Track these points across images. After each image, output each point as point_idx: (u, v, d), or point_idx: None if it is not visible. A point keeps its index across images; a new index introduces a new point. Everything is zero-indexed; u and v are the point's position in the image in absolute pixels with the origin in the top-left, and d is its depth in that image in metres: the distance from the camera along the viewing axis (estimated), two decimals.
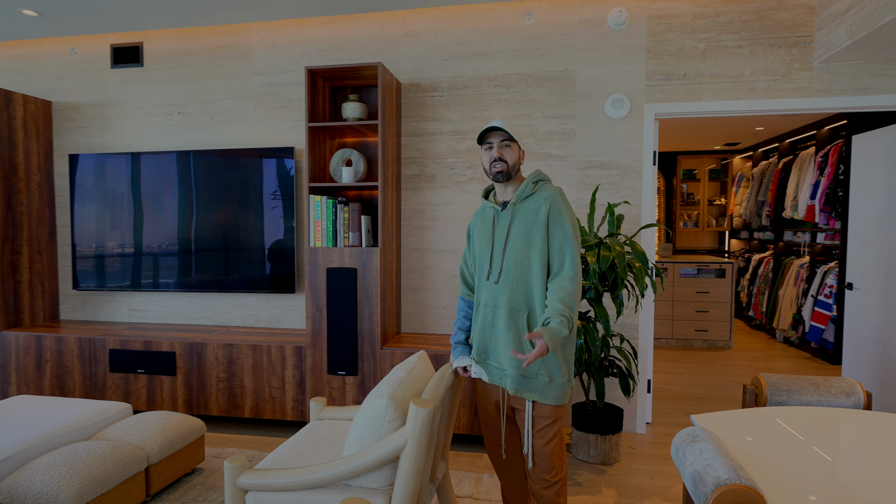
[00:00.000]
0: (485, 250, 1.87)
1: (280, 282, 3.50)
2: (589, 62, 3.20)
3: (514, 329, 1.78)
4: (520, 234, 1.79)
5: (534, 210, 1.79)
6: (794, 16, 2.99)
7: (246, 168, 3.51)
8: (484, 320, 1.85)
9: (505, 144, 1.80)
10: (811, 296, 5.00)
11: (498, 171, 1.81)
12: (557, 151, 3.27)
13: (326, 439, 2.11)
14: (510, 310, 1.78)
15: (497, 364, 1.83)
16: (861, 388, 1.83)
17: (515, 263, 1.78)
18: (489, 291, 1.83)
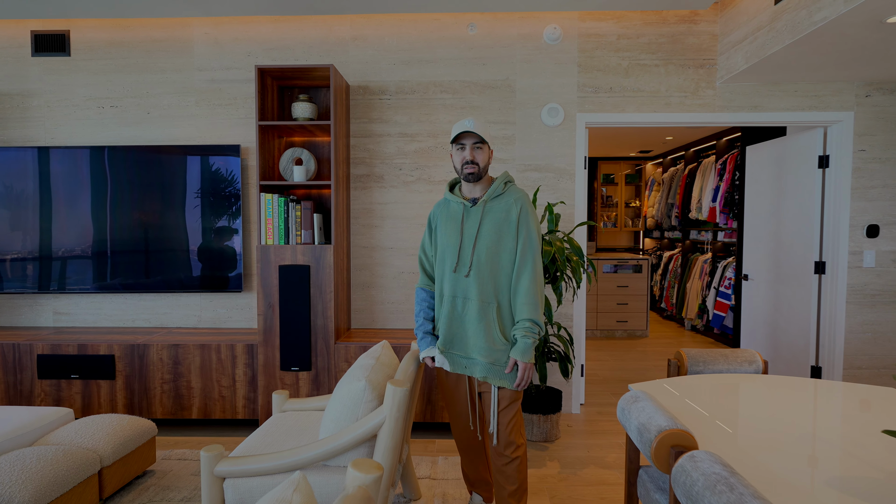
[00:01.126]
0: (452, 244, 1.94)
1: (226, 281, 3.47)
2: (527, 73, 3.48)
3: (484, 321, 1.88)
4: (491, 231, 1.89)
5: (504, 210, 1.90)
6: (701, 41, 3.43)
7: (188, 165, 3.44)
8: (452, 312, 1.93)
9: (477, 147, 1.90)
10: (713, 287, 5.64)
11: (469, 172, 1.91)
12: (499, 155, 3.51)
13: (294, 428, 2.18)
14: (481, 302, 1.88)
15: (463, 353, 1.94)
16: (760, 357, 2.20)
17: (487, 259, 1.88)
18: (457, 284, 1.92)
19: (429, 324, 2.05)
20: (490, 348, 1.88)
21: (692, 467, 1.16)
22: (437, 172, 3.53)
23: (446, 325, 1.95)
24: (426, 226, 2.07)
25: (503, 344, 1.89)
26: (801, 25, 2.58)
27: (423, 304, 2.07)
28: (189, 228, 3.46)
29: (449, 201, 2.02)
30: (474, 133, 1.88)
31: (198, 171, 3.45)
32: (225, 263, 3.47)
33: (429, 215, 2.08)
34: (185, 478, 2.63)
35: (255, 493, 1.79)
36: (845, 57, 2.90)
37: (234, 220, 3.46)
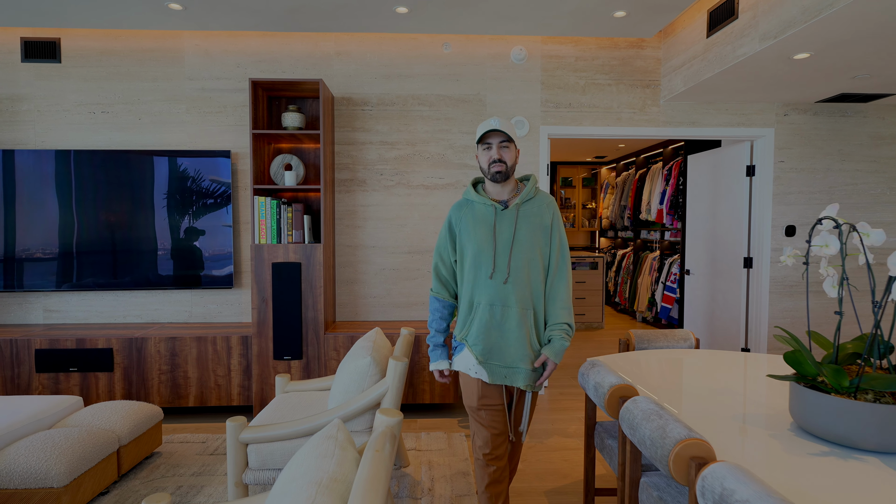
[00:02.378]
0: (486, 249, 1.85)
1: (218, 278, 3.70)
2: (496, 89, 3.86)
3: (524, 327, 1.83)
4: (527, 236, 1.84)
5: (538, 214, 1.87)
6: (647, 64, 3.90)
7: (180, 169, 3.65)
8: (490, 320, 1.83)
9: (504, 146, 1.82)
10: (661, 282, 6.20)
11: (497, 171, 1.82)
12: (472, 162, 3.89)
13: (299, 405, 2.48)
14: (522, 309, 1.82)
15: (504, 364, 1.84)
16: (693, 335, 2.65)
17: (524, 264, 1.83)
18: (494, 291, 1.83)
19: (440, 336, 1.95)
20: (531, 355, 1.84)
21: (633, 407, 1.56)
22: (416, 178, 3.87)
23: (484, 335, 1.84)
24: (444, 229, 1.94)
25: (538, 350, 1.87)
26: (726, 58, 3.06)
27: (435, 315, 1.96)
28: (183, 230, 3.67)
29: (473, 203, 1.91)
30: (501, 131, 1.80)
31: (190, 175, 3.66)
32: (218, 261, 3.70)
33: (447, 218, 1.94)
34: (190, 457, 2.87)
35: (276, 456, 2.09)
36: (765, 83, 3.42)
37: (225, 221, 3.69)
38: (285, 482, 1.27)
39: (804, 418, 1.46)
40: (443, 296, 1.96)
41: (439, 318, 1.96)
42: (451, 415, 3.55)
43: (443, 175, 3.87)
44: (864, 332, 1.50)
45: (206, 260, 3.69)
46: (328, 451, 1.30)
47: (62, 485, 2.15)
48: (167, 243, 3.67)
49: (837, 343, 1.49)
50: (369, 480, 1.09)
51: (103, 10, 3.33)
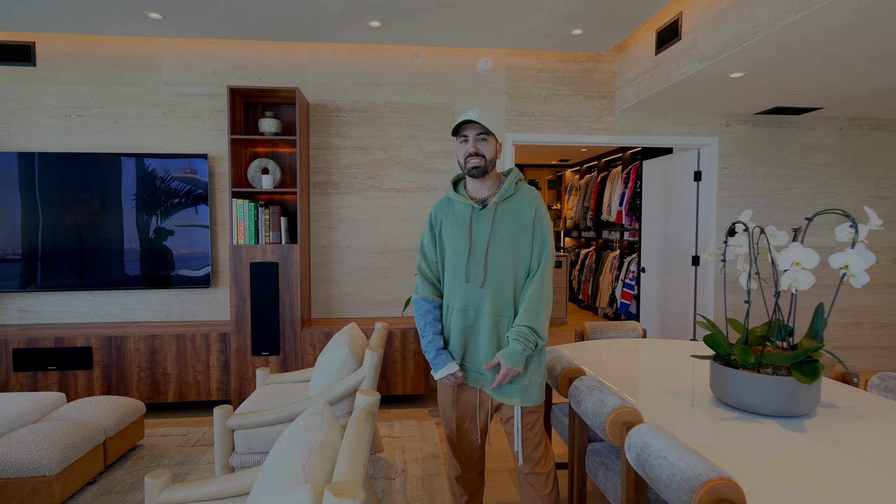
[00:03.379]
0: (461, 251, 1.76)
1: (195, 277, 3.81)
2: (464, 98, 4.10)
3: (496, 335, 1.74)
4: (504, 238, 1.72)
5: (518, 213, 1.73)
6: (603, 77, 4.20)
7: (158, 172, 3.76)
8: (465, 325, 1.76)
9: (481, 138, 1.71)
10: (620, 280, 6.56)
11: (474, 166, 1.71)
12: (441, 167, 4.11)
13: (280, 395, 2.66)
14: (494, 316, 1.73)
15: (476, 369, 1.79)
16: (640, 326, 2.94)
17: (500, 268, 1.72)
18: (469, 296, 1.75)
19: (440, 338, 1.81)
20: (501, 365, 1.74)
21: (580, 384, 1.81)
22: (388, 181, 4.06)
23: (458, 339, 1.78)
24: (426, 227, 1.86)
25: None
26: (672, 75, 3.37)
27: (427, 318, 1.82)
28: (158, 231, 3.77)
29: (453, 202, 1.83)
30: (478, 123, 1.69)
31: (168, 178, 3.77)
32: (196, 261, 3.81)
33: (430, 215, 1.86)
34: (173, 448, 3.01)
35: (261, 441, 2.26)
36: (707, 97, 3.76)
37: (202, 222, 3.81)
38: (279, 452, 1.47)
39: (719, 390, 1.74)
40: (430, 296, 1.84)
41: (432, 319, 1.82)
42: (423, 405, 3.77)
43: (414, 179, 4.08)
44: (775, 318, 1.78)
45: (181, 259, 3.80)
46: (316, 425, 1.50)
47: (54, 473, 2.27)
48: (143, 244, 3.76)
49: (747, 327, 1.77)
50: (354, 443, 1.30)
51: (83, 18, 3.41)
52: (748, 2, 2.65)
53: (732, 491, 1.10)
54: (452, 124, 4.10)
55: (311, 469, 1.24)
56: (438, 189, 4.11)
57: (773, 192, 4.42)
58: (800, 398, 1.59)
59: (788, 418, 1.63)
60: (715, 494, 1.10)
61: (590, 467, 1.91)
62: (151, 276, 3.77)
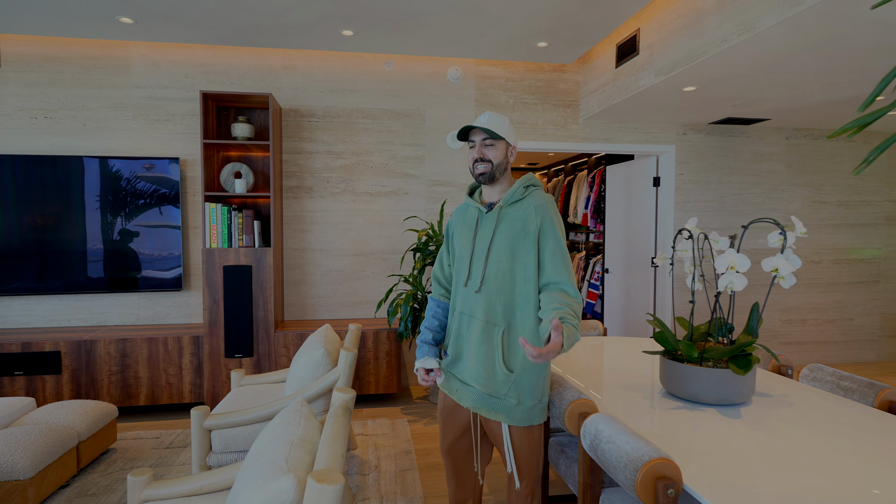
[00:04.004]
0: (464, 254, 1.73)
1: (166, 280, 3.82)
2: (434, 105, 4.22)
3: (486, 345, 1.64)
4: (504, 243, 1.64)
5: (521, 218, 1.64)
6: (568, 87, 4.39)
7: (128, 176, 3.75)
8: (459, 328, 1.71)
9: (487, 143, 1.65)
10: (586, 280, 6.80)
11: (481, 172, 1.67)
12: (412, 171, 4.22)
13: (256, 396, 2.72)
14: (485, 323, 1.64)
15: (461, 377, 1.70)
16: (601, 325, 3.12)
17: (497, 273, 1.63)
18: (466, 299, 1.69)
19: (429, 333, 1.80)
20: (487, 377, 1.64)
21: None
22: (361, 185, 4.15)
23: (454, 343, 1.73)
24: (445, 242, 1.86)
25: (505, 374, 1.62)
26: (631, 87, 3.57)
27: (428, 314, 1.84)
28: (133, 233, 3.76)
29: (467, 206, 1.81)
30: (484, 130, 1.63)
31: (139, 182, 3.76)
32: (167, 264, 3.82)
33: (448, 222, 1.86)
34: (146, 451, 3.03)
35: (238, 440, 2.33)
36: (664, 108, 3.98)
37: (173, 226, 3.82)
38: (260, 447, 1.56)
39: (667, 382, 1.91)
40: (438, 295, 1.84)
41: (431, 315, 1.83)
42: (395, 404, 3.87)
43: (386, 183, 4.18)
44: (716, 316, 1.96)
45: (150, 262, 3.80)
46: (295, 421, 1.60)
47: (28, 477, 2.28)
48: (106, 246, 3.75)
49: (692, 325, 1.94)
50: (333, 436, 1.40)
51: (53, 21, 3.38)
52: (697, 23, 2.86)
53: (670, 469, 1.26)
54: (423, 130, 4.22)
55: (293, 460, 1.34)
56: (410, 193, 4.22)
57: (725, 198, 4.69)
58: (736, 388, 1.77)
59: (727, 406, 1.81)
60: (655, 472, 1.25)
61: (552, 457, 2.06)
62: (118, 278, 3.76)
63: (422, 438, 3.24)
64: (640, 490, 1.25)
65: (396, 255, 4.22)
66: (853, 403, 1.84)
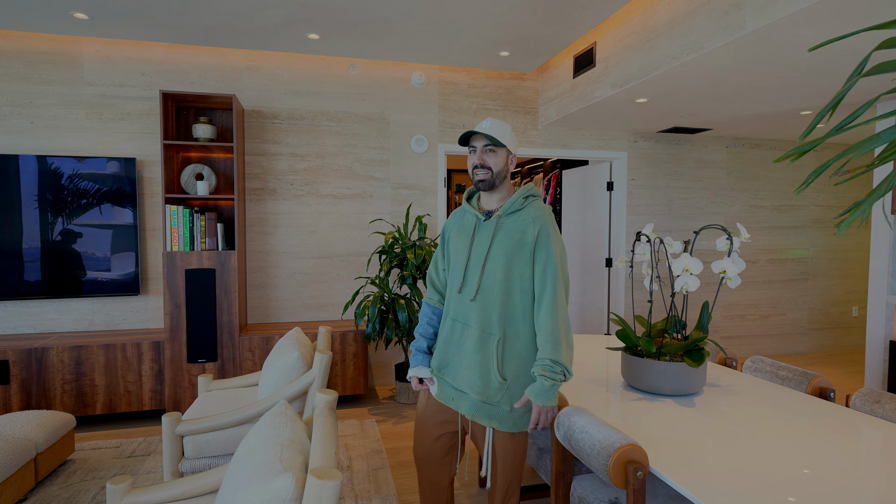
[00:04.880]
0: (460, 261, 1.72)
1: (121, 284, 3.70)
2: (399, 109, 4.28)
3: (481, 354, 1.64)
4: (501, 253, 1.63)
5: (519, 230, 1.64)
6: (528, 94, 4.56)
7: (81, 176, 3.61)
8: (451, 335, 1.71)
9: (489, 149, 1.64)
10: None
11: (480, 178, 1.65)
12: (377, 174, 4.27)
13: (225, 401, 2.71)
14: (481, 332, 1.64)
15: (454, 384, 1.70)
16: None
17: (494, 283, 1.63)
18: (461, 307, 1.69)
19: (424, 340, 1.83)
20: (482, 385, 1.64)
21: None
22: (325, 188, 4.16)
23: (443, 348, 1.73)
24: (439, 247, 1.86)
25: (500, 382, 1.63)
26: (587, 98, 3.77)
27: (423, 320, 1.85)
28: (86, 235, 3.62)
29: (465, 212, 1.80)
30: (485, 135, 1.63)
31: (92, 182, 3.63)
32: (123, 268, 3.70)
33: (444, 226, 1.85)
34: (107, 461, 2.94)
35: (212, 445, 2.32)
36: (618, 117, 4.21)
37: (128, 227, 3.71)
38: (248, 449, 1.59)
39: (628, 376, 2.06)
40: (434, 301, 1.84)
41: (426, 322, 1.84)
42: (362, 405, 3.91)
43: (350, 186, 4.21)
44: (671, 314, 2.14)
45: (97, 265, 3.68)
46: (282, 423, 1.64)
47: None
48: (69, 250, 3.60)
49: (650, 322, 2.11)
50: (325, 435, 1.46)
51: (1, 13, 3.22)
52: (650, 41, 3.06)
53: (638, 454, 1.39)
54: (387, 134, 4.27)
55: (287, 460, 1.39)
56: (375, 196, 4.27)
57: (673, 202, 5.00)
58: (691, 380, 1.95)
59: (682, 396, 1.98)
60: (625, 457, 1.38)
61: None
62: (60, 280, 3.61)
63: (391, 438, 3.31)
64: (612, 474, 1.38)
65: (362, 257, 4.26)
66: (789, 391, 2.05)
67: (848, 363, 5.11)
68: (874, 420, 1.74)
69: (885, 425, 1.69)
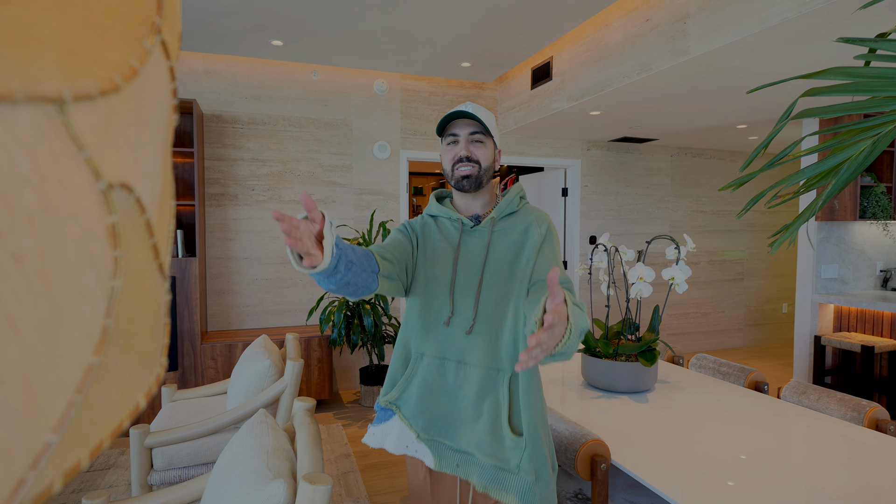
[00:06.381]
0: (442, 280, 1.28)
1: None
2: (362, 115, 4.33)
3: (489, 399, 1.23)
4: (502, 263, 1.26)
5: (522, 231, 1.28)
6: (487, 103, 4.70)
7: None
8: (438, 380, 1.28)
9: (476, 139, 1.27)
10: None
11: (464, 174, 1.26)
12: (340, 180, 4.30)
13: (192, 411, 2.69)
14: (486, 370, 1.24)
15: (454, 444, 1.26)
16: None
17: (496, 304, 1.24)
18: (450, 342, 1.27)
19: None
20: (492, 443, 1.22)
21: None
22: (287, 193, 4.15)
23: (426, 399, 1.28)
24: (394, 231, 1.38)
25: (512, 439, 1.21)
26: (544, 109, 3.95)
27: None
28: None
29: (437, 217, 1.37)
30: (473, 119, 1.25)
31: None
32: None
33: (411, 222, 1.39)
34: None
35: (182, 455, 2.32)
36: (572, 127, 4.42)
37: None
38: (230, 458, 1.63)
39: (588, 376, 2.22)
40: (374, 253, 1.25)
41: None
42: (327, 409, 3.94)
43: (313, 191, 4.22)
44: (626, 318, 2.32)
45: None
46: (263, 431, 1.69)
47: None
48: None
49: (607, 325, 2.28)
50: (311, 441, 1.52)
51: None
52: (603, 59, 3.26)
53: (602, 447, 1.53)
54: (350, 140, 4.31)
55: (275, 467, 1.45)
56: (338, 202, 4.30)
57: (623, 207, 5.28)
58: (644, 378, 2.12)
59: (637, 393, 2.16)
60: (591, 451, 1.52)
61: None
62: None
63: (358, 441, 3.36)
64: (579, 467, 1.52)
65: None
66: (730, 385, 2.27)
67: (779, 356, 5.55)
68: (801, 409, 1.96)
69: (810, 413, 1.92)
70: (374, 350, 4.12)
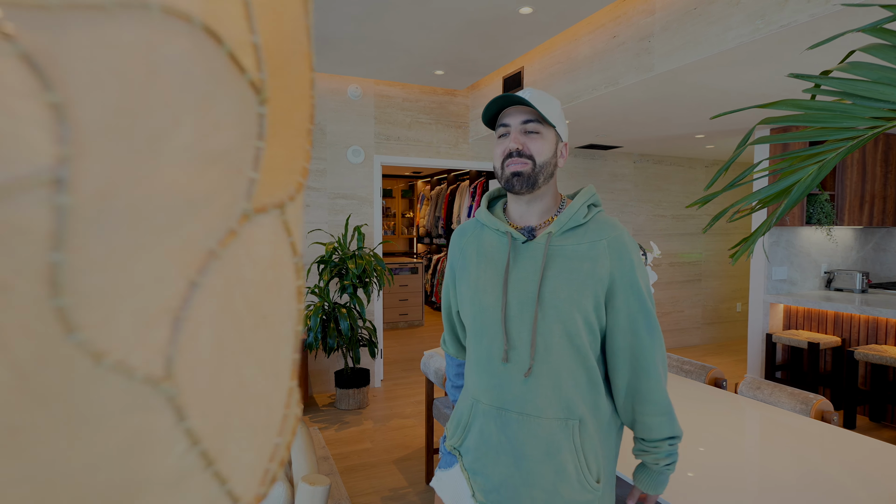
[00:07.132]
0: (490, 309, 1.06)
1: None
2: (335, 120, 4.36)
3: (561, 455, 1.02)
4: (562, 292, 1.01)
5: (587, 255, 1.02)
6: (459, 109, 4.80)
7: None
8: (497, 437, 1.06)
9: (530, 130, 1.03)
10: None
11: (515, 171, 1.03)
12: (313, 185, 4.31)
13: None
14: (555, 421, 1.02)
15: None
16: None
17: (560, 340, 1.01)
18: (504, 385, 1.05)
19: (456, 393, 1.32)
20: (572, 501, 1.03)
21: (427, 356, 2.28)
22: None
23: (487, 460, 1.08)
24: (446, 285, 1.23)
25: (592, 488, 1.04)
26: None
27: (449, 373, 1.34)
28: None
29: (484, 227, 1.15)
30: (528, 106, 1.02)
31: None
32: None
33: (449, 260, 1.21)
34: None
35: None
36: None
37: None
38: None
39: None
40: (452, 351, 1.29)
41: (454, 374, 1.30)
42: (303, 413, 3.94)
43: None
44: None
45: None
46: None
47: None
48: None
49: None
50: (304, 446, 1.58)
51: None
52: (572, 72, 3.41)
53: None
54: (324, 144, 4.33)
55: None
56: (312, 206, 4.31)
57: None
58: None
59: None
60: None
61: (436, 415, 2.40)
62: None
63: (335, 444, 3.40)
64: None
65: None
66: (692, 382, 2.44)
67: (734, 353, 5.87)
68: (756, 403, 2.14)
69: (764, 407, 2.09)
70: (349, 353, 4.16)
